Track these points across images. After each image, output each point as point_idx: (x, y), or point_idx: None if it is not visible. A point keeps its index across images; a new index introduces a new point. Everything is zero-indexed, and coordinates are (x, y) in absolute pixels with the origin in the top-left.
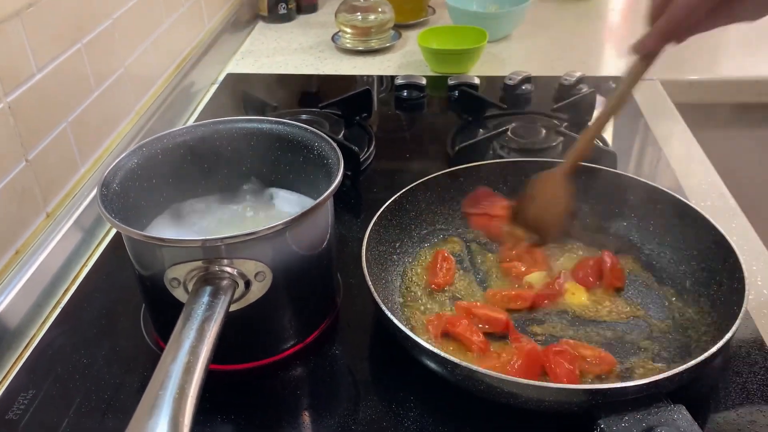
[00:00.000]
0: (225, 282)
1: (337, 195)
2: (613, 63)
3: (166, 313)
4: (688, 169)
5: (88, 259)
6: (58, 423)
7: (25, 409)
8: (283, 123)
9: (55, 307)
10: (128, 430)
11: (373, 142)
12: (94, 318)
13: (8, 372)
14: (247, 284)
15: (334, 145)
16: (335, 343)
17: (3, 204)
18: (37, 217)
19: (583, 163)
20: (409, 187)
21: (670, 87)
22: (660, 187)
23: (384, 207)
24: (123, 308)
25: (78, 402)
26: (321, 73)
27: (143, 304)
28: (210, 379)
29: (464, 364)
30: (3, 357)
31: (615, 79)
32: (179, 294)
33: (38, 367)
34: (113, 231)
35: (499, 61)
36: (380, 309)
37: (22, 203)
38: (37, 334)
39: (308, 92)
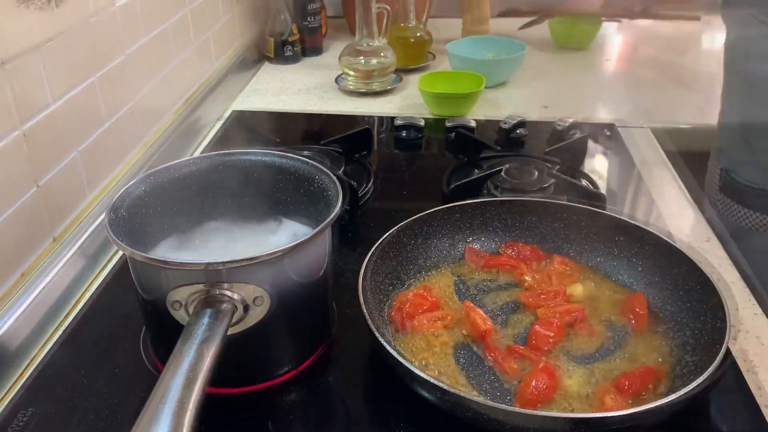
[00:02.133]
0: (225, 305)
1: (336, 229)
2: (606, 110)
3: (166, 336)
4: (676, 213)
5: (91, 283)
6: None
7: (24, 427)
8: (286, 156)
9: (57, 329)
10: None
11: (372, 179)
12: (95, 340)
13: (9, 389)
14: (246, 308)
15: (334, 177)
16: (329, 371)
17: (12, 227)
18: (44, 241)
19: (574, 204)
20: (407, 221)
21: (658, 135)
22: (648, 228)
23: (382, 239)
24: (123, 332)
25: (76, 421)
26: (324, 112)
27: (143, 329)
28: (204, 401)
29: (453, 390)
30: (5, 375)
31: (608, 126)
32: (180, 316)
33: (39, 385)
34: (116, 257)
35: (496, 105)
36: (373, 335)
37: (30, 227)
38: (39, 354)
39: (310, 130)
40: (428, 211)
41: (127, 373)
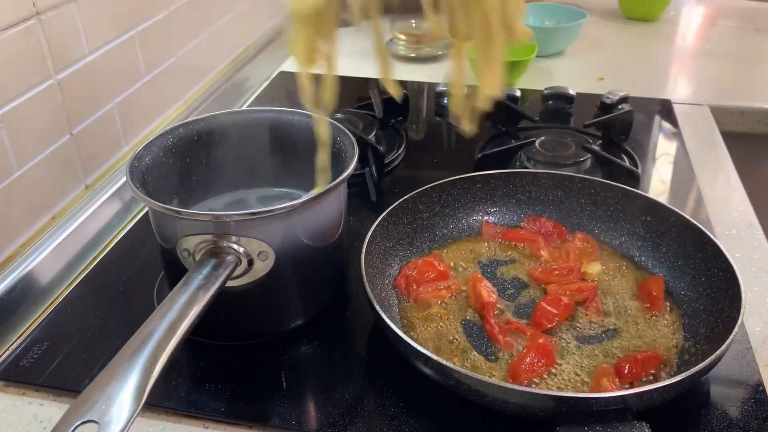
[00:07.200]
0: (229, 257)
1: (359, 192)
2: (666, 86)
3: (176, 281)
4: (719, 195)
5: (120, 231)
6: (66, 375)
7: (36, 360)
8: (307, 115)
9: (82, 272)
10: (105, 370)
11: (404, 145)
12: (113, 285)
13: (31, 324)
14: (251, 262)
15: (351, 136)
16: (332, 331)
17: (44, 171)
18: (76, 187)
19: (601, 180)
20: (424, 187)
21: (719, 114)
22: (677, 209)
23: (394, 204)
24: (141, 279)
25: (83, 358)
26: (370, 76)
27: (158, 278)
28: (203, 350)
29: (435, 357)
30: (29, 311)
31: (663, 101)
32: (189, 264)
33: (56, 323)
34: (147, 209)
35: (548, 75)
36: (367, 295)
37: (62, 173)
38: (63, 293)
39: (352, 94)
40: (447, 179)
41: (138, 318)
